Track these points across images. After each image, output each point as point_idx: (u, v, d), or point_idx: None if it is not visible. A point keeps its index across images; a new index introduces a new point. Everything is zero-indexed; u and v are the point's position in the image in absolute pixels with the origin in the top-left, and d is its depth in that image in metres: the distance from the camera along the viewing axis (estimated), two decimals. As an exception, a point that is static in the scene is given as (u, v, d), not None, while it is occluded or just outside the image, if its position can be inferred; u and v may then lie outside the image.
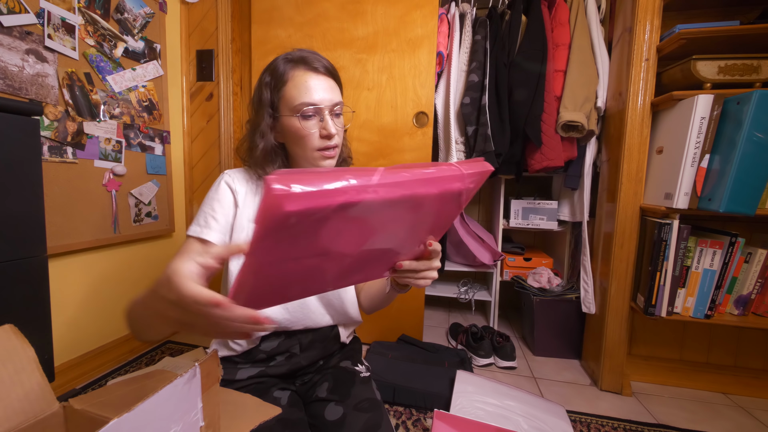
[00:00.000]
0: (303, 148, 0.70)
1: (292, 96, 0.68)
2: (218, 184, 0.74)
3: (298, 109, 0.68)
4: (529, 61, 1.41)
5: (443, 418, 0.90)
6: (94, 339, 1.30)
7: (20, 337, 0.45)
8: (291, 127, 0.69)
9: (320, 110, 0.68)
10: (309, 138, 0.69)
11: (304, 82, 0.68)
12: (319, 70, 0.70)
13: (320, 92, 0.68)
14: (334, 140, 0.70)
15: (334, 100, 0.70)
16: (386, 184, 0.35)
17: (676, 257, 1.13)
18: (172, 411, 0.32)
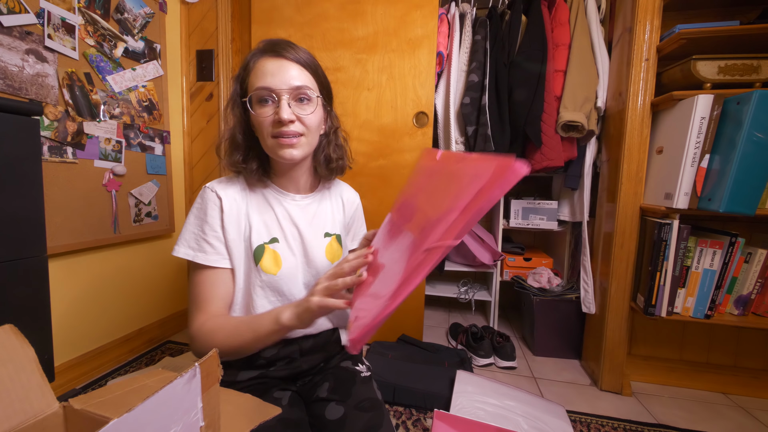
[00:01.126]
0: (262, 137, 0.69)
1: (251, 83, 0.67)
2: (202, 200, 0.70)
3: (255, 97, 0.66)
4: (529, 61, 1.41)
5: (443, 418, 0.90)
6: (94, 339, 1.30)
7: (20, 337, 0.45)
8: (253, 118, 0.68)
9: (277, 95, 0.65)
10: (263, 124, 0.66)
11: (263, 66, 0.66)
12: (282, 54, 0.66)
13: (274, 75, 0.65)
14: (292, 127, 0.66)
15: (289, 84, 0.65)
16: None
17: (676, 257, 1.13)
18: (172, 411, 0.32)
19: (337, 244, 0.80)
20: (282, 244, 0.73)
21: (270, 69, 0.65)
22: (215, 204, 0.69)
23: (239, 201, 0.71)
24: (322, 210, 0.80)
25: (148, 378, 0.53)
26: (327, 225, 0.80)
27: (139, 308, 1.47)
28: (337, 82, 1.50)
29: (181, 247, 0.69)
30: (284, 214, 0.75)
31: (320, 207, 0.81)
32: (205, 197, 0.69)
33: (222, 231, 0.69)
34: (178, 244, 0.69)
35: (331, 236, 0.80)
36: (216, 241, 0.68)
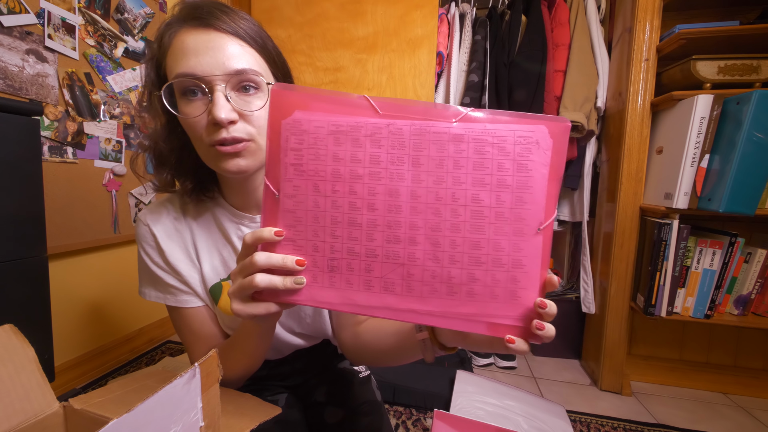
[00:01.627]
0: (195, 145, 0.50)
1: (170, 68, 0.47)
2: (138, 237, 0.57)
3: (175, 87, 0.47)
4: (529, 61, 1.41)
5: (443, 418, 0.90)
6: (94, 339, 1.30)
7: (20, 336, 0.45)
8: (179, 117, 0.49)
9: (207, 85, 0.45)
10: (193, 127, 0.47)
11: (182, 44, 0.46)
12: (211, 24, 0.46)
13: (202, 55, 0.45)
14: (234, 130, 0.46)
15: (228, 67, 0.45)
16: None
17: (676, 257, 1.13)
18: (172, 411, 0.32)
19: None
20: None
21: (194, 46, 0.45)
22: (150, 243, 0.55)
23: (181, 230, 0.57)
24: None
25: (148, 378, 0.53)
26: None
27: (139, 308, 1.47)
28: (337, 82, 1.50)
29: (146, 289, 0.58)
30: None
31: None
32: (139, 234, 0.56)
33: (172, 269, 0.56)
34: (141, 285, 0.58)
35: None
36: (173, 281, 0.56)
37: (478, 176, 0.36)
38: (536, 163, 0.35)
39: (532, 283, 0.36)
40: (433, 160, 0.36)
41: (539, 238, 0.35)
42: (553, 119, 0.35)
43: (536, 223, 0.35)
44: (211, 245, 0.58)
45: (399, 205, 0.37)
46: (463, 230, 0.36)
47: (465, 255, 0.36)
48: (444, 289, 0.37)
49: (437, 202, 0.36)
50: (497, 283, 0.36)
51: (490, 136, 0.35)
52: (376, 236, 0.37)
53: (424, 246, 0.37)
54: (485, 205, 0.36)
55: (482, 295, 0.37)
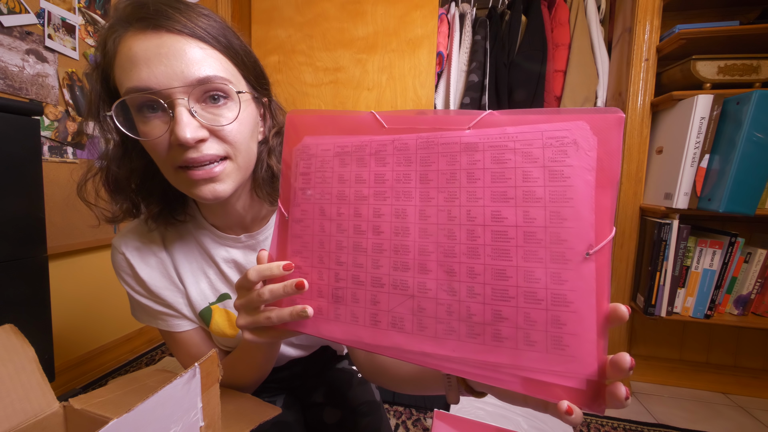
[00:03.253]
0: (162, 170, 0.44)
1: (118, 81, 0.40)
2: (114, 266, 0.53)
3: (128, 102, 0.40)
4: (529, 61, 1.41)
5: (443, 418, 0.90)
6: (94, 339, 1.30)
7: (20, 336, 0.45)
8: (136, 135, 0.42)
9: (165, 98, 0.38)
10: (157, 150, 0.41)
11: (129, 50, 0.38)
12: (162, 25, 0.38)
13: (159, 64, 0.37)
14: (205, 148, 0.40)
15: (194, 75, 0.38)
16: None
17: (676, 257, 1.13)
18: (172, 411, 0.32)
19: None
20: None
21: (144, 53, 0.38)
22: (128, 272, 0.51)
23: (159, 255, 0.52)
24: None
25: (148, 378, 0.53)
26: None
27: (139, 308, 1.47)
28: (337, 82, 1.50)
29: (137, 314, 0.57)
30: (231, 263, 0.54)
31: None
32: (115, 263, 0.52)
33: (155, 297, 0.53)
34: (133, 309, 0.57)
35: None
36: (160, 307, 0.53)
37: (499, 189, 0.29)
38: (576, 168, 0.28)
39: (585, 326, 0.27)
40: (443, 174, 0.31)
41: (590, 266, 0.27)
42: (598, 111, 0.28)
43: (584, 246, 0.27)
44: (196, 268, 0.54)
45: (406, 227, 0.32)
46: (483, 256, 0.29)
47: (487, 287, 0.29)
48: (463, 328, 0.30)
49: (450, 222, 0.31)
50: (533, 325, 0.28)
51: (511, 141, 0.29)
52: (382, 262, 0.33)
53: (436, 274, 0.31)
54: (509, 224, 0.29)
55: (513, 340, 0.28)
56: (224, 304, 0.55)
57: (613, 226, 0.27)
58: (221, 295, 0.55)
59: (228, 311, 0.54)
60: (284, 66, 1.52)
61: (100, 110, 0.44)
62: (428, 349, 0.31)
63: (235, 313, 0.53)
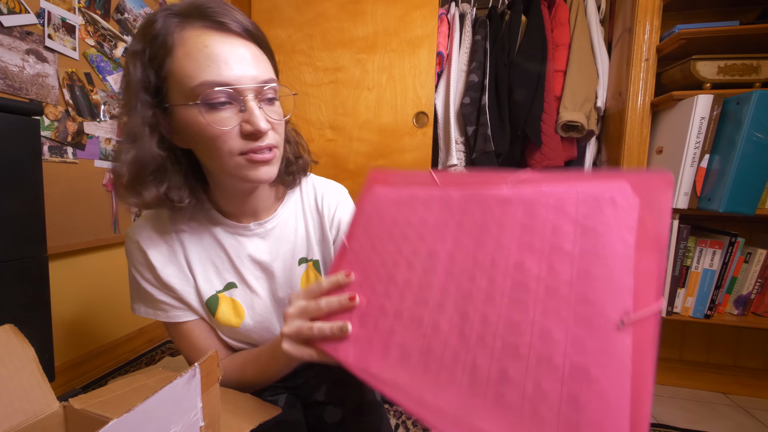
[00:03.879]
0: (217, 156, 0.46)
1: (185, 72, 0.43)
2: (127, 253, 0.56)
3: (199, 93, 0.43)
4: (529, 61, 1.41)
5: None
6: (94, 339, 1.30)
7: (20, 336, 0.45)
8: (191, 124, 0.45)
9: (239, 93, 0.44)
10: (223, 138, 0.45)
11: (205, 47, 0.43)
12: (230, 28, 0.44)
13: (236, 64, 0.43)
14: (268, 138, 0.47)
15: (260, 77, 0.45)
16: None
17: (676, 257, 1.13)
18: (172, 411, 0.32)
19: (314, 272, 0.62)
20: (241, 290, 0.58)
21: (221, 52, 0.43)
22: (140, 260, 0.55)
23: (172, 244, 0.55)
24: (289, 232, 0.61)
25: (148, 378, 0.53)
26: (300, 249, 0.61)
27: (139, 308, 1.47)
28: (337, 82, 1.50)
29: (136, 305, 0.59)
30: (239, 251, 0.58)
31: (287, 229, 0.61)
32: (128, 251, 0.56)
33: (163, 286, 0.55)
34: (133, 301, 0.59)
35: (307, 262, 0.62)
36: (165, 297, 0.56)
37: (526, 240, 0.28)
38: (612, 226, 0.25)
39: (612, 416, 0.21)
40: (476, 223, 0.32)
41: (626, 339, 0.22)
42: (643, 172, 0.26)
43: (617, 312, 0.23)
44: (204, 257, 0.57)
45: (435, 267, 0.33)
46: (500, 304, 0.27)
47: (498, 338, 0.26)
48: (465, 381, 0.27)
49: (474, 266, 0.31)
50: (543, 397, 0.23)
51: (545, 197, 0.29)
52: (407, 296, 0.35)
53: (451, 315, 0.30)
54: (531, 275, 0.27)
55: (517, 410, 0.24)
56: (230, 293, 0.57)
57: (661, 297, 0.23)
58: (228, 283, 0.57)
59: (234, 300, 0.57)
60: (284, 66, 1.53)
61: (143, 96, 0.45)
62: (426, 396, 0.29)
63: (240, 303, 0.57)
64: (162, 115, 0.47)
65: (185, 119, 0.45)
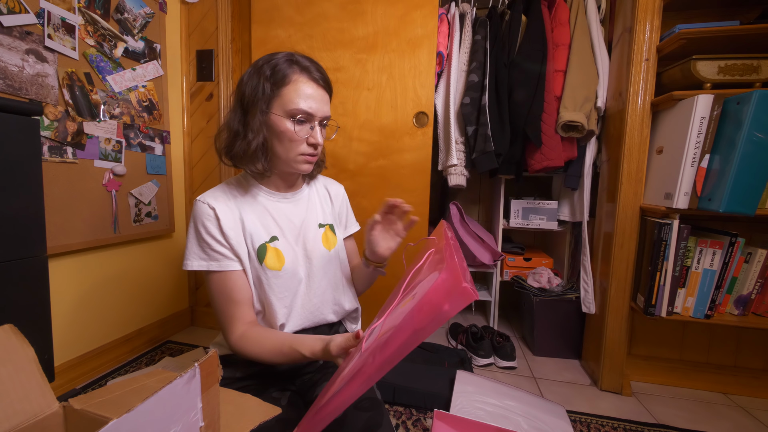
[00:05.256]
0: (288, 150, 0.73)
1: (290, 99, 0.70)
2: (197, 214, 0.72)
3: (294, 114, 0.70)
4: (529, 61, 1.41)
5: (443, 418, 0.90)
6: (94, 339, 1.30)
7: (20, 337, 0.45)
8: (281, 128, 0.71)
9: (312, 119, 0.72)
10: (298, 143, 0.72)
11: (305, 90, 0.71)
12: (319, 83, 0.73)
13: (317, 103, 0.72)
14: (318, 149, 0.75)
15: (326, 113, 0.75)
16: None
17: (676, 257, 1.13)
18: (172, 411, 0.32)
19: (331, 233, 0.86)
20: (282, 241, 0.77)
21: (314, 96, 0.72)
22: (210, 215, 0.71)
23: (232, 207, 0.74)
24: (312, 204, 0.86)
25: (148, 378, 0.53)
26: (319, 216, 0.86)
27: (139, 308, 1.47)
28: (337, 82, 1.50)
29: (192, 260, 0.72)
30: (279, 213, 0.79)
31: (310, 201, 0.86)
32: (199, 211, 0.72)
33: (224, 238, 0.71)
34: (188, 258, 0.72)
35: (324, 226, 0.86)
36: (222, 248, 0.71)
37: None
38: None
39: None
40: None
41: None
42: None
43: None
44: (254, 217, 0.76)
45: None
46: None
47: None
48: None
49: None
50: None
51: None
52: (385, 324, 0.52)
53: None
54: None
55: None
56: (274, 244, 0.76)
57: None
58: (272, 236, 0.77)
59: (277, 249, 0.76)
60: (284, 66, 1.52)
61: (261, 100, 0.71)
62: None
63: (281, 251, 0.77)
64: (263, 117, 0.72)
65: (278, 124, 0.71)
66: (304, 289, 0.79)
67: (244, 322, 0.71)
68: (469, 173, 1.58)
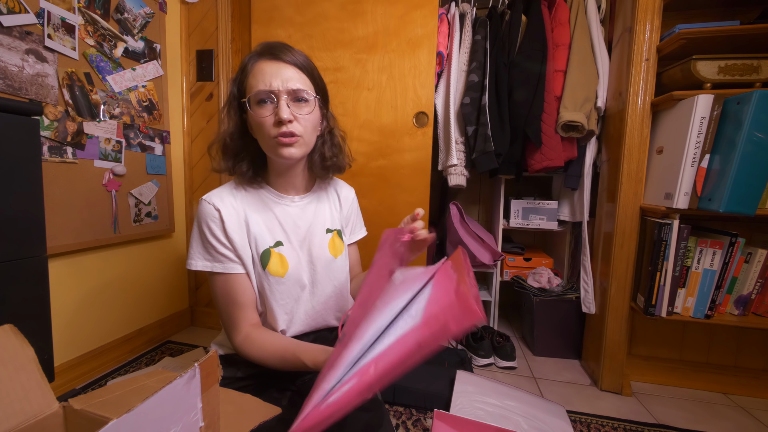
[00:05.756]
0: (261, 137, 0.70)
1: (250, 86, 0.68)
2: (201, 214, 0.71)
3: (256, 98, 0.67)
4: (529, 61, 1.41)
5: (443, 418, 0.90)
6: (93, 339, 1.30)
7: (20, 337, 0.45)
8: (252, 118, 0.69)
9: (276, 96, 0.67)
10: (263, 125, 0.68)
11: (260, 69, 0.68)
12: (280, 58, 0.68)
13: (274, 77, 0.67)
14: (291, 127, 0.67)
15: (289, 86, 0.67)
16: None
17: (676, 257, 1.13)
18: (172, 411, 0.32)
19: (338, 239, 0.84)
20: (286, 247, 0.76)
21: (268, 71, 0.67)
22: (214, 216, 0.70)
23: (237, 209, 0.73)
24: (321, 208, 0.83)
25: (148, 378, 0.53)
26: (327, 222, 0.83)
27: (139, 308, 1.47)
28: (337, 82, 1.50)
29: (195, 260, 0.71)
30: (285, 217, 0.77)
31: (319, 205, 0.83)
32: (204, 211, 0.71)
33: (228, 240, 0.70)
34: (192, 258, 0.71)
35: (332, 232, 0.83)
36: (226, 250, 0.71)
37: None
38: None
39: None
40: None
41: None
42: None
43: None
44: (259, 220, 0.74)
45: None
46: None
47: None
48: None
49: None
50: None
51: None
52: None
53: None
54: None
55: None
56: (278, 249, 0.74)
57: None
58: (277, 241, 0.75)
59: (281, 255, 0.74)
60: (284, 66, 1.52)
61: (232, 102, 0.72)
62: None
63: (285, 257, 0.74)
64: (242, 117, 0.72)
65: (251, 116, 0.69)
66: (307, 295, 0.78)
67: (248, 324, 0.71)
68: (469, 173, 1.58)
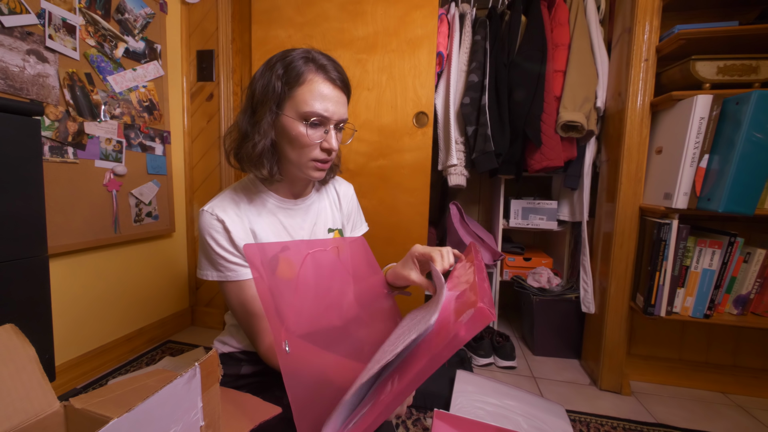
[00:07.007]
0: (299, 155, 0.69)
1: (304, 100, 0.65)
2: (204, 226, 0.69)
3: (307, 116, 0.65)
4: (528, 62, 1.41)
5: (443, 418, 0.90)
6: (94, 338, 1.30)
7: (21, 336, 0.46)
8: (292, 130, 0.66)
9: (327, 122, 0.67)
10: (310, 148, 0.68)
11: (321, 90, 0.65)
12: (336, 83, 0.68)
13: (333, 105, 0.67)
14: (332, 155, 0.70)
15: (342, 116, 0.69)
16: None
17: (676, 257, 1.13)
18: (173, 411, 0.32)
19: (340, 236, 0.85)
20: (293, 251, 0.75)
21: (331, 97, 0.66)
22: (218, 228, 0.69)
23: (242, 217, 0.71)
24: (322, 208, 0.84)
25: (149, 378, 0.54)
26: (329, 221, 0.84)
27: (139, 308, 1.47)
28: (337, 82, 1.50)
29: (206, 271, 0.70)
30: (291, 223, 0.78)
31: (320, 206, 0.84)
32: (206, 222, 0.69)
33: (235, 248, 0.69)
34: (202, 268, 0.71)
35: (333, 231, 0.84)
36: (235, 258, 0.69)
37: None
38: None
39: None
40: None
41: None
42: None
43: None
44: (264, 224, 0.74)
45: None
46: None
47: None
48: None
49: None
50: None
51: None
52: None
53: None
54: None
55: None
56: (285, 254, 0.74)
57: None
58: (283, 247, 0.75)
59: (288, 259, 0.74)
60: (284, 66, 1.52)
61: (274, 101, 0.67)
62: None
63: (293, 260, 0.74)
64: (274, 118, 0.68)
65: (289, 126, 0.67)
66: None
67: (270, 332, 0.69)
68: (469, 173, 1.58)
